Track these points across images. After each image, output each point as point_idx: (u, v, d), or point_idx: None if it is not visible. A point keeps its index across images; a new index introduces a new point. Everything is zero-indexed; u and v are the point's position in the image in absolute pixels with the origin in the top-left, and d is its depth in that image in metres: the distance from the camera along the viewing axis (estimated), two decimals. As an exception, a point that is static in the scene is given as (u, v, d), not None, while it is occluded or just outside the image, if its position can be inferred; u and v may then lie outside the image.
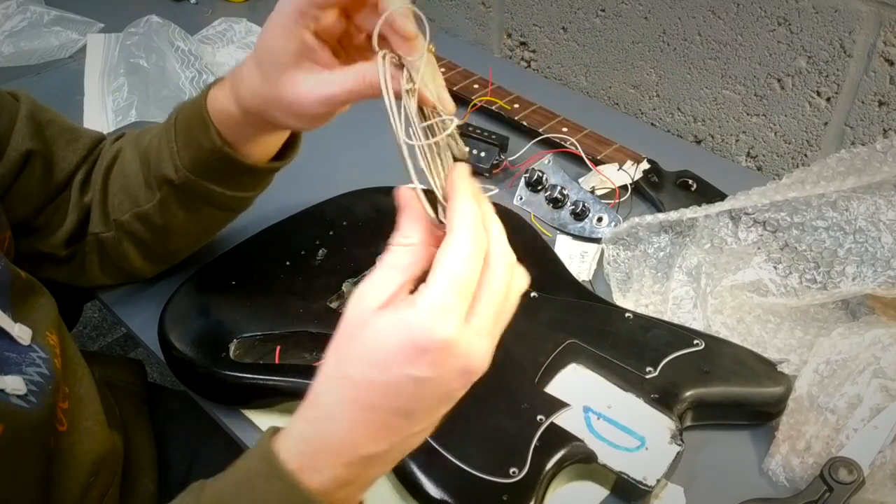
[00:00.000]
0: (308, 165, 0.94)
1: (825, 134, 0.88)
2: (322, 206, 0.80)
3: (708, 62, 0.94)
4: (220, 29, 1.13)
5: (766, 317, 0.71)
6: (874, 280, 0.66)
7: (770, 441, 0.62)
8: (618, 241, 0.78)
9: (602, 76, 1.06)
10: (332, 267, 0.72)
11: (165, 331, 0.66)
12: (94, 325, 1.74)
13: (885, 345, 0.64)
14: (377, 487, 0.60)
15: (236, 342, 0.65)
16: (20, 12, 1.12)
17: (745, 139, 0.95)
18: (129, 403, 0.78)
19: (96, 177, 0.69)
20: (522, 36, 1.13)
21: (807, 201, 0.71)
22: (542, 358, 0.64)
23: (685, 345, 0.65)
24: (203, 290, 0.70)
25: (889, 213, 0.68)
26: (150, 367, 1.57)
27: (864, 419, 0.60)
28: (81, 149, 0.69)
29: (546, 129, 0.93)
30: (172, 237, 0.69)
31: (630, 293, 0.74)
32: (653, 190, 0.86)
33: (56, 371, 0.58)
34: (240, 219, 0.83)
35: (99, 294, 0.77)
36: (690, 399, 0.62)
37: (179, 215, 0.66)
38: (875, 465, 0.58)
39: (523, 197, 0.87)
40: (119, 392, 0.77)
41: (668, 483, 0.60)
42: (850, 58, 0.83)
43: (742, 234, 0.74)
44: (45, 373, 0.57)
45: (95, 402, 0.65)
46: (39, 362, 0.57)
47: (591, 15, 1.03)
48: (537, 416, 0.59)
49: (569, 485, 0.60)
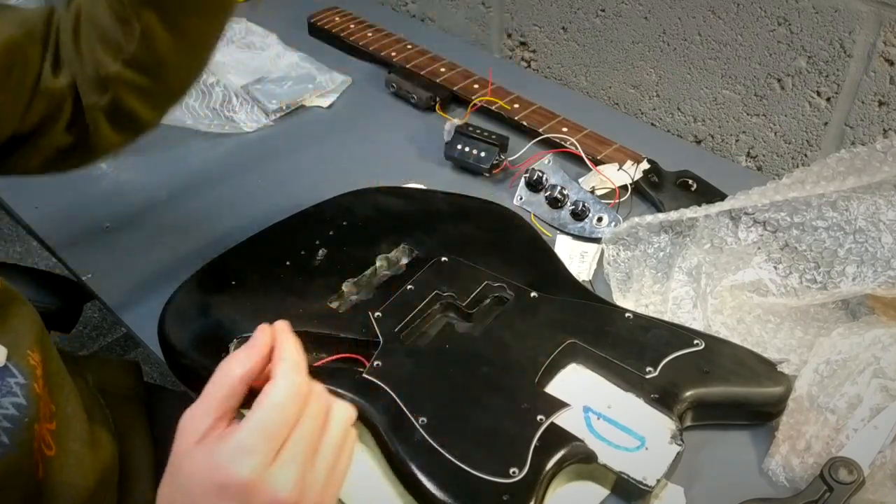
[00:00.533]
0: (308, 165, 0.94)
1: (825, 134, 0.88)
2: (322, 206, 0.80)
3: (708, 62, 0.94)
4: (219, 29, 1.13)
5: (766, 317, 0.71)
6: (874, 280, 0.66)
7: (770, 441, 0.62)
8: (618, 241, 0.78)
9: (602, 76, 1.06)
10: (332, 267, 0.72)
11: (165, 331, 0.66)
12: (94, 325, 1.74)
13: (885, 345, 0.64)
14: (377, 487, 0.60)
15: (236, 342, 0.65)
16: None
17: (745, 139, 0.95)
18: (125, 409, 0.77)
19: (65, 50, 0.63)
20: (522, 36, 1.13)
21: (807, 201, 0.71)
22: (542, 358, 0.64)
23: (685, 345, 0.65)
24: (203, 289, 0.70)
25: (889, 213, 0.68)
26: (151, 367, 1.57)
27: (864, 419, 0.60)
28: (37, 36, 0.63)
29: (546, 129, 0.94)
30: (168, 71, 0.64)
31: (630, 293, 0.74)
32: (653, 190, 0.86)
33: (35, 398, 0.55)
34: (240, 219, 0.83)
35: (99, 294, 0.77)
36: (690, 399, 0.62)
37: (167, 41, 0.61)
38: (875, 465, 0.58)
39: (523, 197, 0.87)
40: (114, 398, 0.76)
41: (668, 483, 0.60)
42: (850, 58, 0.83)
43: (742, 234, 0.74)
44: (22, 402, 0.54)
45: (83, 420, 0.63)
46: (16, 389, 0.54)
47: (591, 15, 1.03)
48: (537, 416, 0.59)
49: (569, 485, 0.60)
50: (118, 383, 0.79)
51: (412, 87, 1.01)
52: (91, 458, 0.63)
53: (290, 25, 1.19)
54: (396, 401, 0.60)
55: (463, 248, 0.74)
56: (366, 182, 0.85)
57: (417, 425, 0.59)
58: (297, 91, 1.03)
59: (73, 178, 0.90)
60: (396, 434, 0.59)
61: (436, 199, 0.82)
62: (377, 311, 0.68)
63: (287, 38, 1.12)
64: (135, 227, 0.85)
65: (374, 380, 0.62)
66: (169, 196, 0.89)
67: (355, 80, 1.07)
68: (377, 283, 0.71)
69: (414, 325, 0.67)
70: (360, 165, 0.94)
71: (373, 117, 1.02)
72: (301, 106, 1.03)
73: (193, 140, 0.96)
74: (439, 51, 1.08)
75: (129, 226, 0.85)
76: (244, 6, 1.25)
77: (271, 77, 1.05)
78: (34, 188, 0.89)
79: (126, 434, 0.73)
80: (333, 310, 0.68)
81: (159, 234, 0.84)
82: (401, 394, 0.61)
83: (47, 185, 0.90)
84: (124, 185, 0.90)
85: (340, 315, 0.68)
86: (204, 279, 0.71)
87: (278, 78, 1.05)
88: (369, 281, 0.72)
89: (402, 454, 0.58)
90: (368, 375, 0.62)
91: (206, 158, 0.95)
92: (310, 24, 1.18)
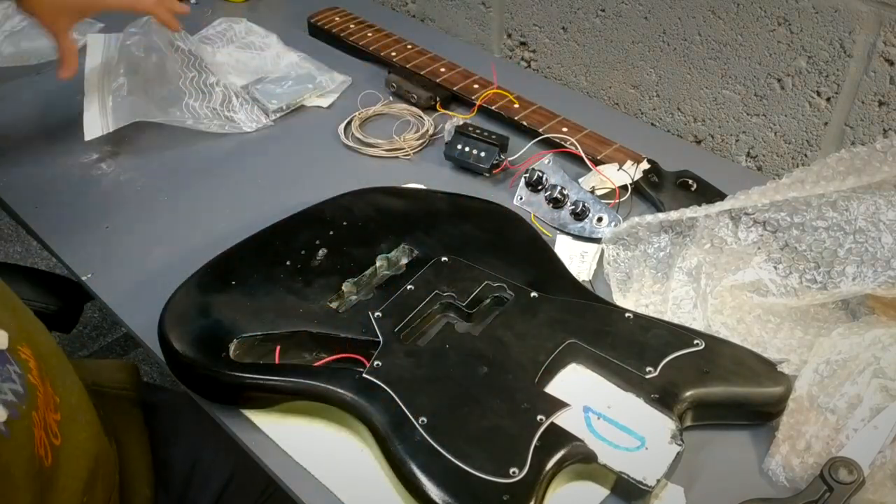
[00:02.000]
0: (308, 165, 0.94)
1: (825, 134, 0.88)
2: (322, 206, 0.80)
3: (708, 62, 0.94)
4: (220, 29, 1.13)
5: (766, 317, 0.71)
6: (874, 280, 0.66)
7: (770, 441, 0.62)
8: (618, 241, 0.78)
9: (602, 76, 1.06)
10: (332, 267, 0.72)
11: (165, 331, 0.66)
12: (94, 325, 1.74)
13: (885, 345, 0.64)
14: (377, 487, 0.60)
15: (236, 342, 0.65)
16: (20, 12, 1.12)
17: (745, 139, 0.95)
18: (122, 409, 0.77)
19: None
20: (522, 36, 1.13)
21: (807, 201, 0.71)
22: (542, 358, 0.64)
23: (685, 345, 0.65)
24: (203, 289, 0.70)
25: (889, 213, 0.68)
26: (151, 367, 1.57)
27: (864, 419, 0.60)
28: None
29: (546, 129, 0.94)
30: None
31: (630, 293, 0.74)
32: (653, 190, 0.86)
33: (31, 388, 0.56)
34: (240, 219, 0.83)
35: (99, 294, 0.77)
36: (690, 399, 0.62)
37: None
38: (875, 465, 0.58)
39: (523, 197, 0.87)
40: (110, 399, 0.76)
41: (668, 483, 0.60)
42: (850, 58, 0.83)
43: (742, 234, 0.74)
44: (20, 390, 0.55)
45: (89, 411, 0.64)
46: (14, 377, 0.55)
47: (591, 15, 1.03)
48: (537, 416, 0.59)
49: (569, 485, 0.60)
50: (115, 384, 0.79)
51: (412, 87, 1.01)
52: (93, 450, 0.64)
53: (290, 25, 1.19)
54: (396, 401, 0.60)
55: (463, 248, 0.74)
56: (365, 182, 0.85)
57: (417, 425, 0.59)
58: (297, 91, 1.03)
59: (73, 178, 0.91)
60: (396, 434, 0.59)
61: (436, 199, 0.82)
62: (377, 311, 0.68)
63: (287, 38, 1.12)
64: (135, 227, 0.85)
65: (374, 380, 0.62)
66: (169, 196, 0.89)
67: (355, 80, 1.07)
68: (377, 283, 0.71)
69: (414, 325, 0.67)
70: (360, 165, 0.94)
71: (373, 118, 1.02)
72: (301, 106, 1.03)
73: (193, 140, 0.96)
74: (439, 51, 1.08)
75: (129, 226, 0.85)
76: (244, 6, 1.26)
77: (271, 77, 1.05)
78: (34, 188, 0.89)
79: (123, 433, 0.73)
80: (333, 310, 0.68)
81: (159, 234, 0.84)
82: (401, 394, 0.61)
83: (47, 185, 0.90)
84: (124, 185, 0.90)
85: (340, 315, 0.68)
86: (204, 279, 0.71)
87: (278, 78, 1.05)
88: (369, 281, 0.72)
89: (402, 454, 0.58)
90: (368, 375, 0.62)
91: (206, 158, 0.95)
92: (310, 24, 1.18)
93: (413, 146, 0.95)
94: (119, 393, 0.79)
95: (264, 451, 0.63)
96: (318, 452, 0.63)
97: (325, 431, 0.64)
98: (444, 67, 1.04)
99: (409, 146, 0.94)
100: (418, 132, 0.96)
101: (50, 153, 0.94)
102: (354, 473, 0.61)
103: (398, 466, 0.58)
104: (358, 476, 0.61)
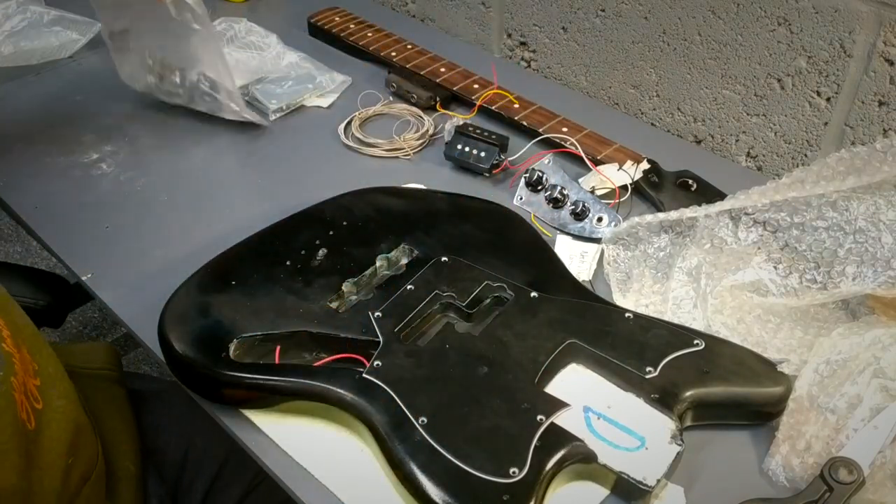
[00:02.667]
0: (308, 165, 0.94)
1: (825, 134, 0.88)
2: (322, 206, 0.80)
3: (708, 62, 0.94)
4: (219, 29, 1.13)
5: (766, 317, 0.71)
6: (874, 280, 0.66)
7: (770, 441, 0.62)
8: (618, 241, 0.78)
9: (602, 76, 1.06)
10: (332, 267, 0.72)
11: (165, 331, 0.66)
12: (94, 325, 1.74)
13: (885, 345, 0.64)
14: (377, 487, 0.60)
15: (236, 342, 0.65)
16: (20, 12, 1.12)
17: (745, 139, 0.95)
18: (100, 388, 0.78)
19: None
20: (522, 36, 1.13)
21: (807, 201, 0.71)
22: (542, 358, 0.64)
23: (685, 345, 0.65)
24: (203, 289, 0.70)
25: (889, 213, 0.68)
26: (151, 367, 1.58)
27: (864, 419, 0.60)
28: None
29: (546, 129, 0.94)
30: None
31: (630, 293, 0.74)
32: (653, 190, 0.86)
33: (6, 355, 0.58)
34: (240, 219, 0.83)
35: (99, 294, 0.77)
36: (690, 399, 0.62)
37: None
38: (875, 465, 0.58)
39: (523, 197, 0.87)
40: (85, 378, 0.77)
41: (668, 483, 0.60)
42: (850, 58, 0.83)
43: (742, 234, 0.74)
44: None
45: (65, 381, 0.66)
46: None
47: (591, 15, 1.03)
48: (537, 416, 0.59)
49: (569, 485, 0.60)
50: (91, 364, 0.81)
51: (412, 87, 1.01)
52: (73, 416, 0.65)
53: (290, 25, 1.19)
54: (396, 401, 0.60)
55: (463, 248, 0.74)
56: (365, 182, 0.85)
57: (417, 425, 0.59)
58: (297, 91, 1.03)
59: (73, 178, 0.91)
60: (396, 434, 0.59)
61: (436, 199, 0.82)
62: (377, 311, 0.68)
63: (287, 38, 1.12)
64: (135, 227, 0.85)
65: (374, 380, 0.62)
66: (169, 196, 0.89)
67: (355, 80, 1.07)
68: (377, 283, 0.71)
69: (414, 325, 0.67)
70: (360, 165, 0.94)
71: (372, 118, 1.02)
72: (301, 106, 1.03)
73: (193, 140, 0.96)
74: (439, 51, 1.08)
75: (129, 226, 0.85)
76: (244, 6, 1.26)
77: (271, 77, 1.05)
78: (34, 188, 0.89)
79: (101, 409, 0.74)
80: (333, 310, 0.68)
81: (159, 234, 0.84)
82: (401, 394, 0.61)
83: (47, 185, 0.90)
84: (124, 185, 0.90)
85: (340, 315, 0.68)
86: (204, 279, 0.71)
87: (278, 78, 1.05)
88: (369, 281, 0.72)
89: (401, 454, 0.58)
90: (368, 375, 0.62)
91: (206, 158, 0.95)
92: (310, 24, 1.18)
93: (413, 146, 0.95)
94: (96, 373, 0.80)
95: (264, 451, 0.63)
96: (318, 452, 0.63)
97: (325, 431, 0.64)
98: (444, 67, 1.04)
99: (409, 146, 0.94)
100: (418, 132, 0.96)
101: (50, 153, 0.94)
102: (354, 473, 0.61)
103: (398, 466, 0.58)
104: (358, 476, 0.61)
